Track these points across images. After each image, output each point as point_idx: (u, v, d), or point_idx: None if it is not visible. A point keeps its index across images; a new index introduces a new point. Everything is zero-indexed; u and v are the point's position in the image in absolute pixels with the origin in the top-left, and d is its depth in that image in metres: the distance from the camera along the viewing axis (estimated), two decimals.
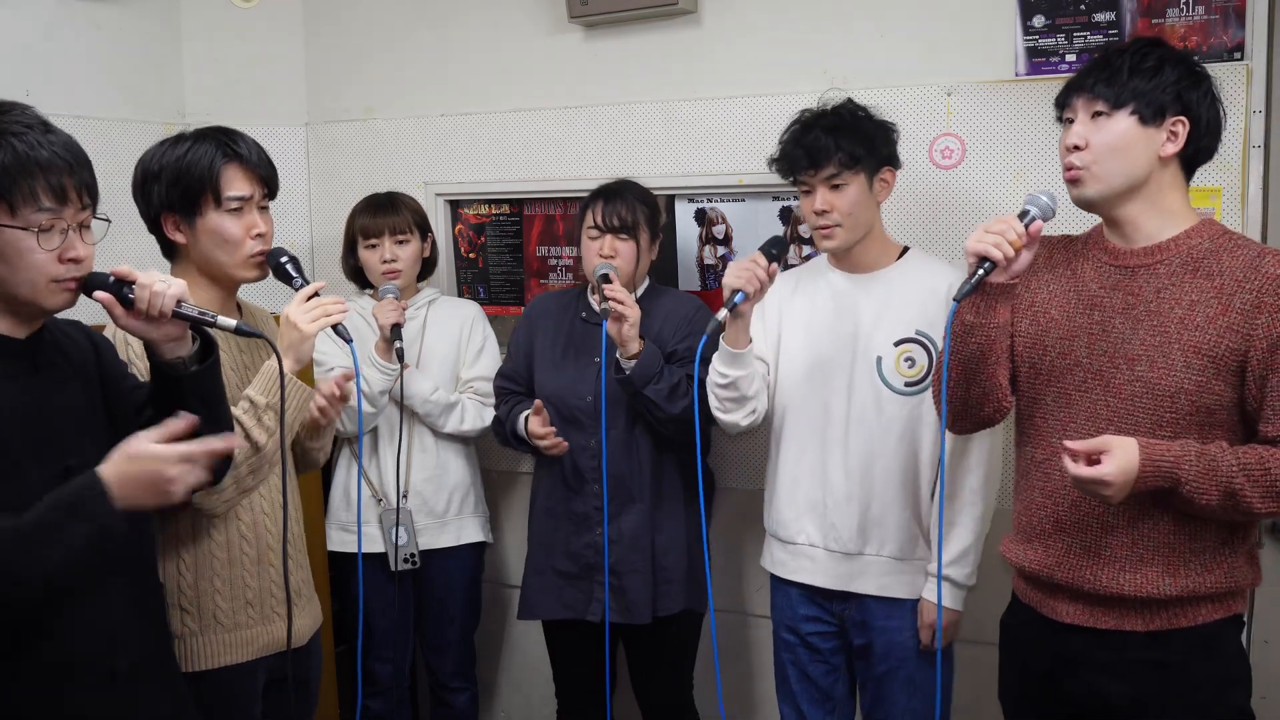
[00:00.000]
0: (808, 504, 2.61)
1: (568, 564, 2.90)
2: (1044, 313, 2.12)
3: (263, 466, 2.16)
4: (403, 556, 3.10)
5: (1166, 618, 2.01)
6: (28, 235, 1.69)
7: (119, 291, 1.77)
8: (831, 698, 2.68)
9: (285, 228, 3.40)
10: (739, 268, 2.41)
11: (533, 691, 3.61)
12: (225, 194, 2.19)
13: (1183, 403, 1.95)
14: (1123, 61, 2.00)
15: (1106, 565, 2.02)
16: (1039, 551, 2.11)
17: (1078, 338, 2.06)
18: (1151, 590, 2.00)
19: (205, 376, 1.88)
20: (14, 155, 1.68)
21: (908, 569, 2.55)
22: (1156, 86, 1.97)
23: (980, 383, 2.13)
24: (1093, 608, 2.06)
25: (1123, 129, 1.98)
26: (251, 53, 3.64)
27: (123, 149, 2.93)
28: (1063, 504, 2.07)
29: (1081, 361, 2.05)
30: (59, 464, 1.73)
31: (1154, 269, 2.02)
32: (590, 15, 3.18)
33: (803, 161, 2.49)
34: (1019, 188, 2.79)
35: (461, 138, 3.46)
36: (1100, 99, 1.99)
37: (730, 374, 2.54)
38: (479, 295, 3.54)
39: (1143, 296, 2.01)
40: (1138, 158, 1.99)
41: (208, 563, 2.19)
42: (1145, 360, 1.98)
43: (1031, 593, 2.17)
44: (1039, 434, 2.13)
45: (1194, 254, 2.00)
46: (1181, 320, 1.96)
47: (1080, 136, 2.01)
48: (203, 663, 2.18)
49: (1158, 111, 1.97)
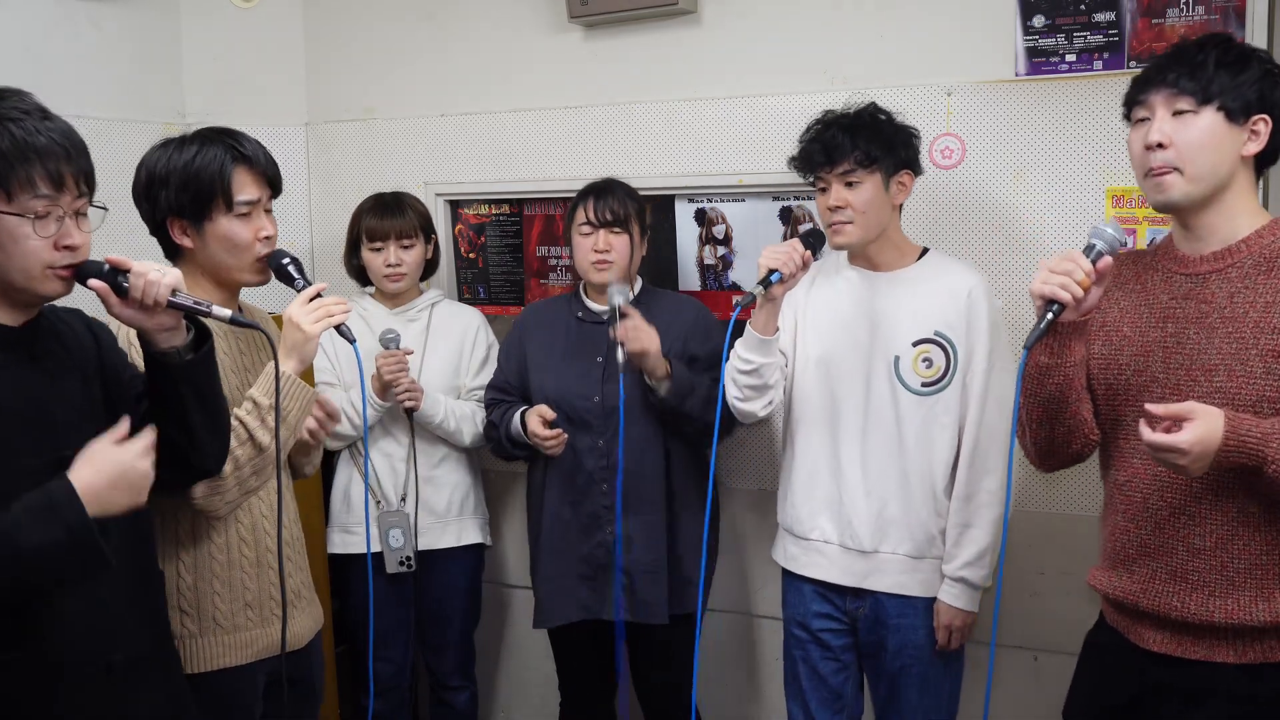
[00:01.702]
0: (824, 501, 2.61)
1: (582, 566, 2.90)
2: (1116, 331, 2.03)
3: (267, 467, 2.15)
4: (398, 559, 3.10)
5: (1261, 650, 1.89)
6: (23, 221, 1.68)
7: (113, 279, 1.76)
8: (841, 697, 2.68)
9: (285, 228, 3.37)
10: (777, 249, 2.41)
11: (533, 691, 3.61)
12: (236, 198, 2.18)
13: (1267, 411, 1.84)
14: (1206, 56, 1.89)
15: (1195, 591, 1.91)
16: (1124, 579, 2.01)
17: (1152, 353, 1.97)
18: (1243, 616, 1.88)
19: (199, 366, 1.86)
20: (11, 141, 1.67)
21: (923, 568, 2.56)
22: (1243, 83, 1.87)
23: (1064, 421, 2.03)
24: (1180, 636, 1.95)
25: (1210, 125, 1.88)
26: (251, 53, 3.64)
27: (123, 149, 2.93)
28: (1146, 527, 1.97)
29: (1158, 377, 1.95)
30: (54, 453, 1.71)
31: (1225, 273, 1.93)
32: (590, 15, 3.18)
33: (819, 157, 2.50)
34: (1019, 188, 2.79)
35: (461, 138, 3.46)
36: (1185, 94, 1.88)
37: (755, 360, 2.54)
38: (479, 295, 3.54)
39: (1215, 303, 1.92)
40: (1224, 157, 1.89)
41: (207, 565, 2.19)
42: (1223, 370, 1.88)
43: (1119, 618, 2.07)
44: (1121, 456, 2.03)
45: (1266, 254, 1.91)
46: (1257, 324, 1.87)
47: (1163, 134, 1.89)
48: (203, 664, 2.17)
49: (1244, 108, 1.88)
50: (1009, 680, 2.85)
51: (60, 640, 1.75)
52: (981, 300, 2.51)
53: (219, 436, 1.99)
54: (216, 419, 1.96)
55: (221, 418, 1.98)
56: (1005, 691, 2.78)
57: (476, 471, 3.30)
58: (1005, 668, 2.82)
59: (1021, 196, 2.79)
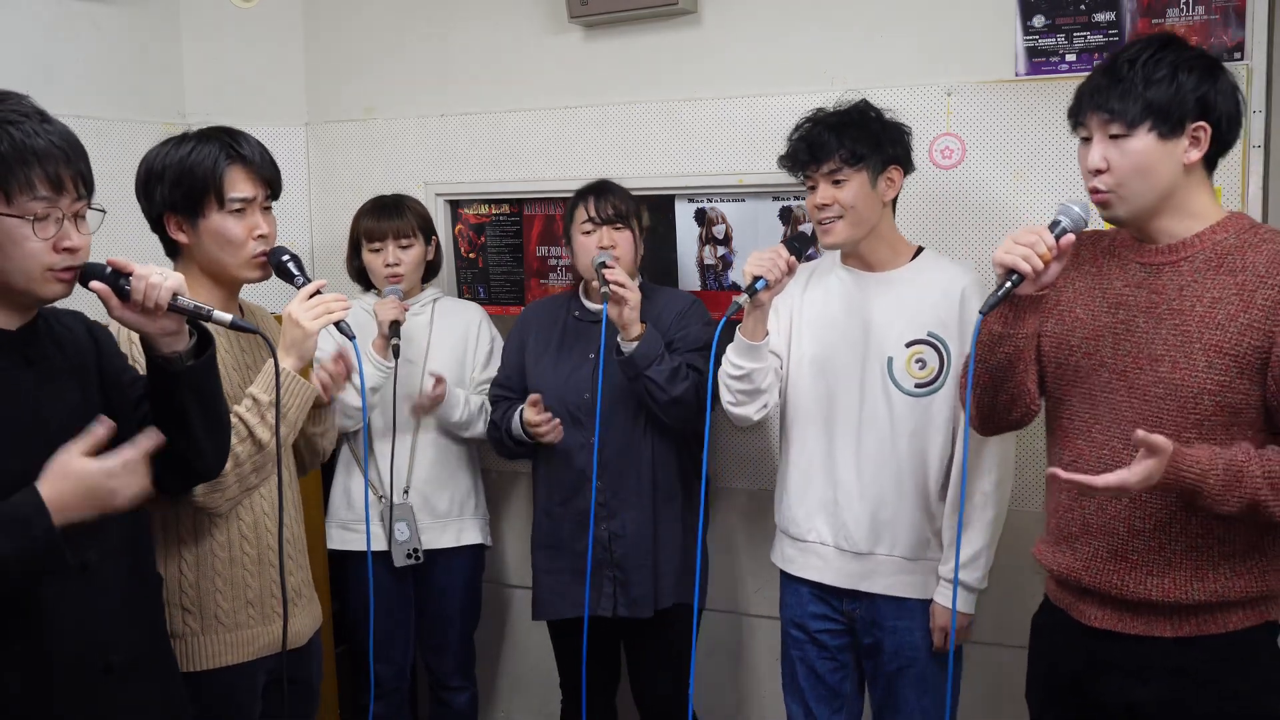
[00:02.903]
0: (819, 502, 2.61)
1: (575, 561, 2.90)
2: (1069, 312, 2.08)
3: (267, 464, 2.16)
4: (405, 552, 3.10)
5: (1195, 624, 1.97)
6: (23, 224, 1.69)
7: (115, 282, 1.76)
8: (840, 695, 2.68)
9: (285, 228, 3.37)
10: (761, 256, 2.42)
11: (533, 691, 3.62)
12: (228, 195, 2.19)
13: (1206, 403, 1.91)
14: (1134, 73, 1.91)
15: (1134, 569, 1.99)
16: (1068, 555, 2.08)
17: (1103, 337, 2.03)
18: (1179, 595, 1.96)
19: (201, 371, 1.87)
20: (10, 143, 1.67)
21: (919, 569, 2.55)
22: (1173, 97, 1.90)
23: (1008, 389, 2.10)
24: (1121, 613, 2.02)
25: (1143, 148, 1.92)
26: (251, 53, 3.64)
27: (123, 149, 2.93)
28: (1089, 506, 2.04)
29: (1106, 362, 2.02)
30: (45, 457, 1.70)
31: (1178, 266, 1.97)
32: (590, 15, 3.18)
33: (804, 156, 2.50)
34: (1019, 187, 2.79)
35: (461, 138, 3.46)
36: (1116, 119, 1.92)
37: (745, 366, 2.54)
38: (479, 295, 3.54)
39: (1166, 295, 1.97)
40: (1163, 173, 1.93)
41: (209, 562, 2.19)
42: (1168, 360, 1.94)
43: (1063, 595, 2.14)
44: (1066, 436, 2.10)
45: (1219, 250, 1.95)
46: (1203, 319, 1.92)
47: (1102, 159, 1.95)
48: (203, 663, 2.18)
49: (1177, 124, 1.91)
50: (1016, 680, 2.84)
51: (58, 641, 1.75)
52: (975, 300, 2.49)
53: (220, 441, 1.99)
54: (218, 424, 1.96)
55: (223, 422, 1.99)
56: (1010, 692, 2.77)
57: (477, 471, 3.30)
58: (1010, 668, 2.82)
59: (1021, 196, 2.79)
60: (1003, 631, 2.79)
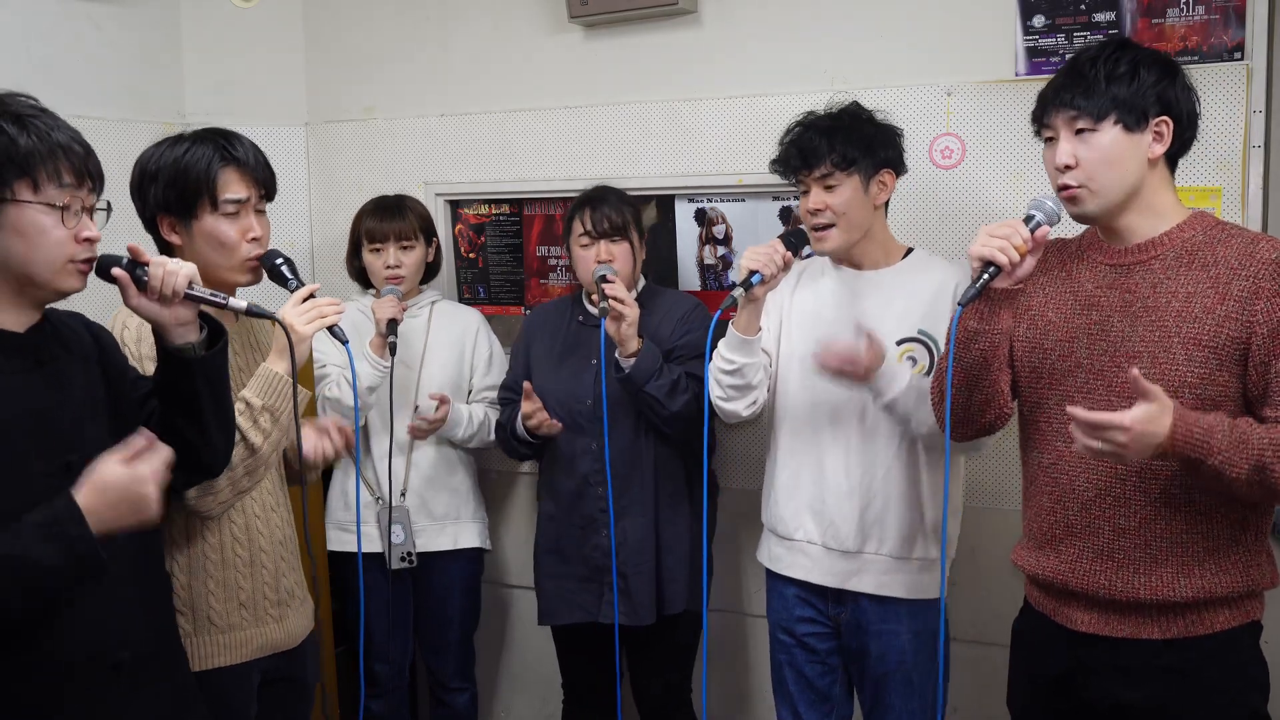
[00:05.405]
0: (807, 501, 2.60)
1: (579, 568, 2.90)
2: (1041, 316, 2.10)
3: (259, 468, 2.16)
4: (399, 555, 3.10)
5: (1184, 625, 1.98)
6: (51, 212, 1.71)
7: (133, 271, 1.80)
8: (829, 698, 2.67)
9: (285, 228, 3.40)
10: (757, 250, 2.42)
11: (533, 692, 3.62)
12: (221, 197, 2.19)
13: (1187, 397, 1.91)
14: (1096, 70, 1.97)
15: (1121, 569, 1.99)
16: (1051, 558, 2.08)
17: (1077, 339, 2.04)
18: (1166, 593, 1.97)
19: (214, 361, 1.90)
20: (37, 135, 1.71)
21: (906, 568, 2.54)
22: (1136, 91, 1.95)
23: (983, 389, 2.11)
24: (1108, 615, 2.03)
25: (1110, 140, 1.96)
26: (251, 53, 3.64)
27: (123, 149, 2.91)
28: (1072, 508, 2.04)
29: (1083, 363, 2.03)
30: (60, 459, 1.73)
31: (1149, 264, 2.00)
32: (590, 15, 3.18)
33: (795, 161, 2.50)
34: (1019, 188, 2.78)
35: (461, 138, 3.46)
36: (1082, 114, 1.97)
37: (737, 360, 2.53)
38: (479, 295, 3.54)
39: (1139, 293, 1.99)
40: (1129, 165, 1.98)
41: (201, 564, 2.19)
42: (1147, 357, 1.95)
43: (1045, 600, 2.13)
44: (1044, 439, 2.10)
45: (1188, 246, 1.98)
46: (1179, 313, 1.94)
47: (1069, 155, 1.98)
48: (197, 664, 2.17)
49: (1141, 116, 1.96)
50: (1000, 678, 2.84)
51: (68, 640, 1.76)
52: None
53: (228, 434, 2.02)
54: (227, 416, 1.99)
55: (231, 415, 2.01)
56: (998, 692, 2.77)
57: (476, 474, 3.30)
58: (994, 664, 2.81)
59: (1021, 196, 2.77)
60: (985, 629, 2.80)
